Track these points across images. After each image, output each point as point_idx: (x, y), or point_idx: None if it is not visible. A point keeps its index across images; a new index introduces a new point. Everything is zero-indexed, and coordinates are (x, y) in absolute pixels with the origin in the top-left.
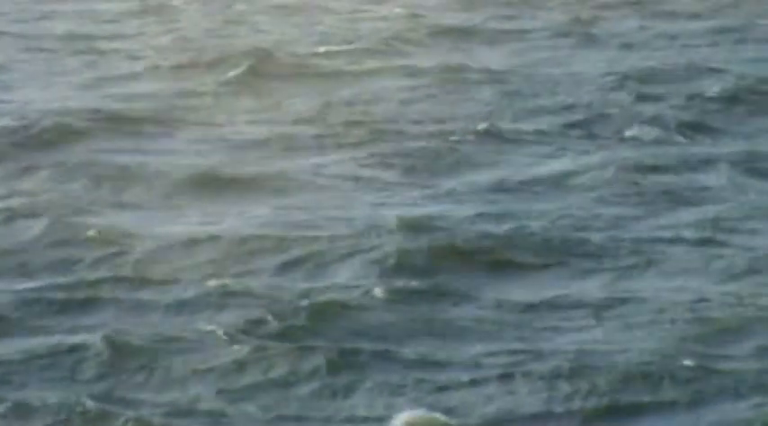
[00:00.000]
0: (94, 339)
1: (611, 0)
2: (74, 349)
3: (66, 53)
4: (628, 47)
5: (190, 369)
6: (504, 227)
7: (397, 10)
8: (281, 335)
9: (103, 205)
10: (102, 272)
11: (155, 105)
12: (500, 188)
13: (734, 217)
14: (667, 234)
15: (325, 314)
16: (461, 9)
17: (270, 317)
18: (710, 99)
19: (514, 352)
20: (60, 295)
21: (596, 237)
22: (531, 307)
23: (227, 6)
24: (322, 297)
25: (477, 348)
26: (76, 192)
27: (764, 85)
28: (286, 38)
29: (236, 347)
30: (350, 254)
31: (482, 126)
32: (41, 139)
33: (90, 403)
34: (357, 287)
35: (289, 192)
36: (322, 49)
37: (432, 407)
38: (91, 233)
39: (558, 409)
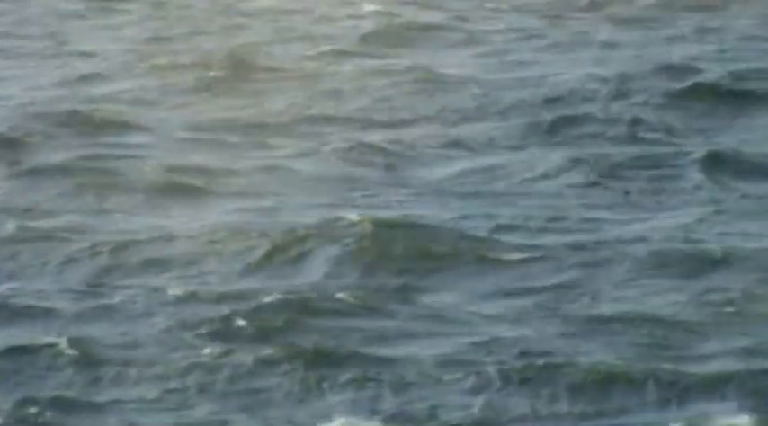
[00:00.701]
0: (60, 342)
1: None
2: (38, 352)
3: (41, 53)
4: (607, 47)
5: (155, 372)
6: (477, 227)
7: (373, 8)
8: (251, 337)
9: (74, 207)
10: (70, 275)
11: (130, 106)
12: (473, 188)
13: (711, 216)
14: (644, 233)
15: (294, 315)
16: (436, 8)
17: (239, 319)
18: (687, 98)
19: (488, 353)
20: (27, 298)
21: (572, 237)
22: (505, 308)
23: (204, 9)
24: (292, 298)
25: (448, 348)
26: (46, 195)
27: (742, 83)
28: (263, 39)
29: (207, 350)
30: (320, 254)
31: (456, 126)
32: (12, 141)
33: (51, 407)
34: (329, 287)
35: (262, 192)
36: (298, 51)
37: (395, 411)
38: (59, 235)
39: (531, 412)
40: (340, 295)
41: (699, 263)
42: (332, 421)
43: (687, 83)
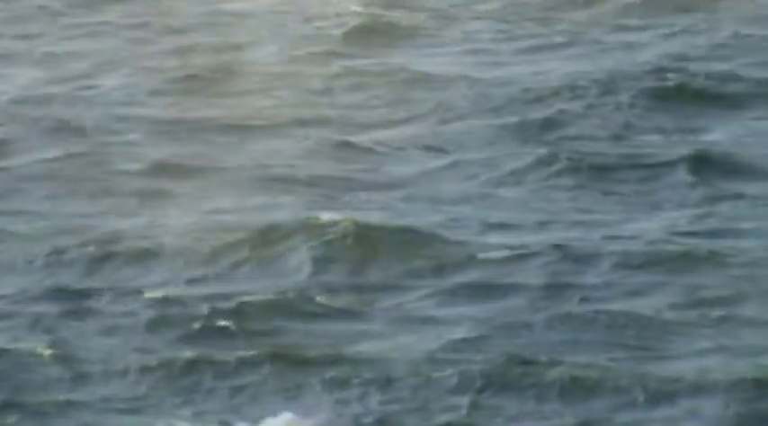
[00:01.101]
0: (42, 343)
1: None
2: (20, 354)
3: (28, 52)
4: (596, 46)
5: (138, 372)
6: (463, 227)
7: (359, 9)
8: (233, 337)
9: (58, 208)
10: (53, 276)
11: (116, 105)
12: (458, 187)
13: (698, 216)
14: (631, 233)
15: (276, 315)
16: (423, 9)
17: (221, 319)
18: (676, 98)
19: (473, 353)
20: (9, 300)
21: (558, 237)
22: (490, 308)
23: (192, 8)
24: (274, 299)
25: (432, 348)
26: (31, 196)
27: (730, 84)
28: (251, 39)
29: (188, 351)
30: (303, 254)
31: (442, 125)
32: None
33: (33, 408)
34: (312, 287)
35: (246, 191)
36: (285, 50)
37: (378, 410)
38: (44, 236)
39: (516, 411)
40: (323, 295)
41: (686, 263)
42: (314, 421)
43: (675, 83)
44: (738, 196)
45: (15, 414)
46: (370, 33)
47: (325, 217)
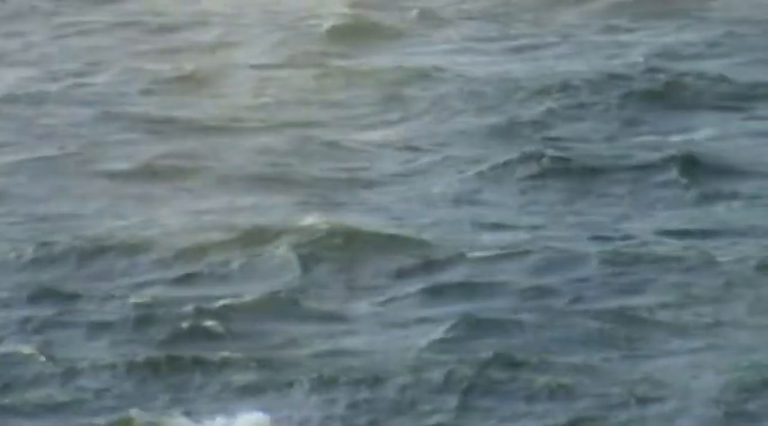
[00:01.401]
0: (29, 345)
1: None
2: (4, 358)
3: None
4: (587, 46)
5: (124, 372)
6: (450, 227)
7: (348, 10)
8: (218, 338)
9: (42, 210)
10: (37, 278)
11: (98, 105)
12: (445, 188)
13: (689, 216)
14: (621, 233)
15: (259, 316)
16: (410, 8)
17: (207, 320)
18: (666, 98)
19: (460, 353)
20: None
21: (548, 237)
22: (478, 308)
23: (178, 7)
24: (258, 300)
25: (420, 348)
26: (13, 196)
27: (720, 84)
28: (238, 39)
29: (175, 351)
30: (287, 255)
31: (431, 126)
32: None
33: (18, 413)
34: (297, 288)
35: (221, 191)
36: (269, 50)
37: (364, 410)
38: (27, 238)
39: (506, 412)
40: (312, 294)
41: (676, 263)
42: (302, 421)
43: (666, 82)
44: (729, 196)
45: (3, 415)
46: (359, 32)
47: (314, 216)
